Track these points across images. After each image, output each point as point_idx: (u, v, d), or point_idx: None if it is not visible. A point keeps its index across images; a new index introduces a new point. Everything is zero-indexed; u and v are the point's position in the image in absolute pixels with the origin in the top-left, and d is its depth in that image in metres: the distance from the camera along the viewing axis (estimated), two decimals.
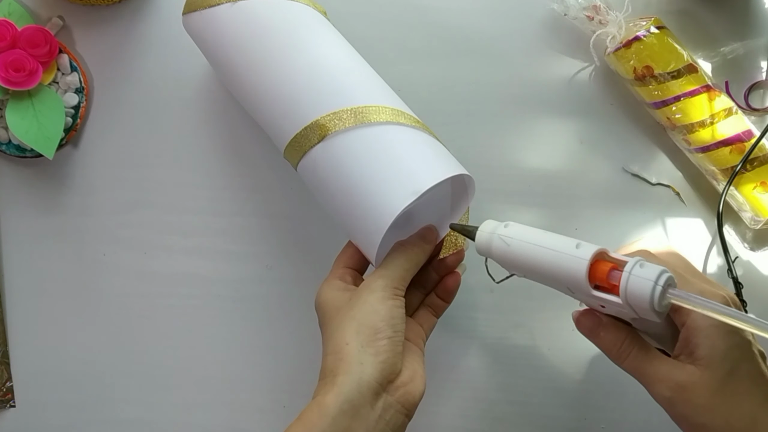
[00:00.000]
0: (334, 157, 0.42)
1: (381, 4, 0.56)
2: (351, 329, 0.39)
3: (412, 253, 0.43)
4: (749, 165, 0.52)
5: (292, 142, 0.44)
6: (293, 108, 0.44)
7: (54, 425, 0.54)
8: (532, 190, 0.55)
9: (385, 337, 0.39)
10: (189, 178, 0.55)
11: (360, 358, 0.38)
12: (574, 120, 0.56)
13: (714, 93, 0.52)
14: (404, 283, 0.42)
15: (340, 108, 0.42)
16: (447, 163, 0.43)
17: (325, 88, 0.43)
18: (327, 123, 0.42)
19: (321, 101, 0.43)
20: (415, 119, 0.45)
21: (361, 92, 0.44)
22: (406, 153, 0.42)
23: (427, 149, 0.43)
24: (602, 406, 0.54)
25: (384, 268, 0.42)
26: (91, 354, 0.54)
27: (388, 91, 0.46)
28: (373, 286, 0.41)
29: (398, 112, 0.43)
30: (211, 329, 0.54)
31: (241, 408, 0.54)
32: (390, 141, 0.42)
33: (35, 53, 0.51)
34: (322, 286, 0.44)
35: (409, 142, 0.43)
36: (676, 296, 0.34)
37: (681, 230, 0.55)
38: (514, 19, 0.56)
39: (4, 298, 0.55)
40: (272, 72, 0.44)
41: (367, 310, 0.40)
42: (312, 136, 0.42)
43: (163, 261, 0.55)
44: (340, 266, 0.45)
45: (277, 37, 0.45)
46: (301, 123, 0.43)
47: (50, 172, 0.55)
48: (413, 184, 0.40)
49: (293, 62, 0.44)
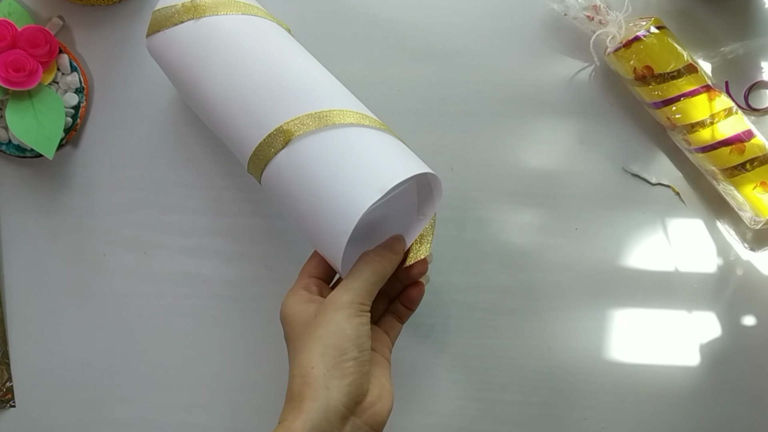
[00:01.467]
0: (298, 162, 0.41)
1: (381, 4, 0.56)
2: (316, 351, 0.38)
3: (379, 264, 0.42)
4: (749, 165, 0.52)
5: (256, 151, 0.43)
6: (257, 117, 0.43)
7: (54, 425, 0.54)
8: (532, 190, 0.55)
9: (351, 358, 0.38)
10: (189, 178, 0.55)
11: (326, 382, 0.38)
12: (574, 120, 0.56)
13: (714, 93, 0.52)
14: (370, 297, 0.41)
15: (304, 113, 0.42)
16: (412, 163, 0.42)
17: (288, 94, 0.43)
18: (291, 128, 0.41)
19: (284, 108, 0.42)
20: (379, 122, 0.44)
21: (324, 97, 0.43)
22: (370, 154, 0.41)
23: (391, 150, 0.42)
24: (602, 406, 0.54)
25: (350, 281, 0.41)
26: (91, 354, 0.54)
27: (351, 97, 0.46)
28: (338, 302, 0.40)
29: (361, 115, 0.43)
30: (211, 329, 0.54)
31: (241, 408, 0.54)
32: (354, 143, 0.42)
33: (35, 53, 0.51)
34: (286, 297, 0.43)
35: (374, 144, 0.42)
36: None
37: (681, 230, 0.55)
38: (514, 19, 0.56)
39: (4, 298, 0.55)
40: (235, 83, 0.44)
41: (332, 330, 0.39)
42: (276, 143, 0.42)
43: (163, 261, 0.55)
44: (305, 276, 0.44)
45: (239, 48, 0.45)
46: (265, 131, 0.42)
47: (50, 172, 0.55)
48: (378, 183, 0.39)
49: (255, 72, 0.44)
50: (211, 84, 0.45)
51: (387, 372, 0.43)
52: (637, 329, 0.54)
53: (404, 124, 0.55)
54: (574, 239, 0.55)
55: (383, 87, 0.56)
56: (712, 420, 0.54)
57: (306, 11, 0.56)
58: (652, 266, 0.55)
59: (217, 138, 0.56)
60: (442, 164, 0.55)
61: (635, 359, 0.54)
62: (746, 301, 0.54)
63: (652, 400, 0.54)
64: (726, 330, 0.54)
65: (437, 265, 0.53)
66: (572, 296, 0.54)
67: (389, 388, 0.41)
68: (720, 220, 0.55)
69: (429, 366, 0.54)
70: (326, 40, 0.56)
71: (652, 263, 0.55)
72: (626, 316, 0.54)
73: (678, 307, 0.55)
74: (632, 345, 0.54)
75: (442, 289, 0.54)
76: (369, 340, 0.40)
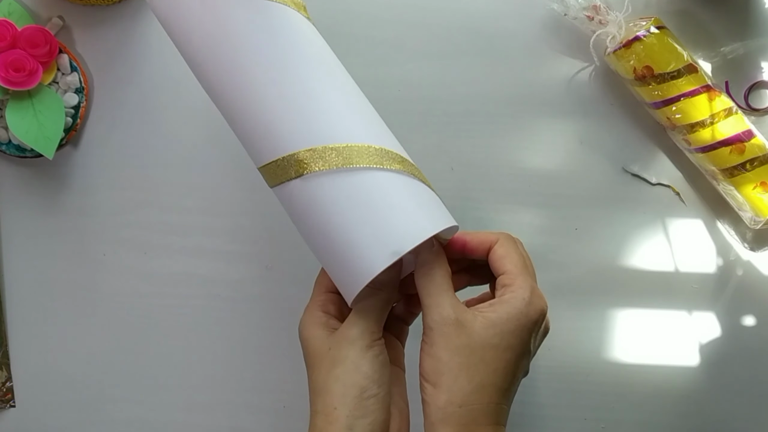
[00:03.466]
0: (313, 199, 0.39)
1: (381, 4, 0.56)
2: (337, 392, 0.38)
3: (388, 294, 0.42)
4: (749, 165, 0.52)
5: (267, 167, 0.40)
6: (270, 131, 0.39)
7: (54, 425, 0.54)
8: (532, 190, 0.55)
9: (371, 395, 0.38)
10: (189, 178, 0.55)
11: (349, 423, 0.38)
12: (574, 120, 0.56)
13: (714, 93, 0.52)
14: (380, 325, 0.41)
15: (322, 144, 0.38)
16: (432, 216, 0.40)
17: (309, 116, 0.39)
18: (307, 160, 0.38)
19: (301, 131, 0.39)
20: (402, 159, 0.41)
21: (345, 126, 0.40)
22: (389, 205, 0.39)
23: (411, 200, 0.40)
24: (602, 406, 0.54)
25: (360, 314, 0.40)
26: (91, 354, 0.54)
27: (375, 121, 0.42)
28: (350, 335, 0.39)
29: (384, 152, 0.40)
30: (210, 329, 0.54)
31: (241, 408, 0.54)
32: (373, 190, 0.39)
33: (35, 53, 0.51)
34: (304, 317, 0.42)
35: (394, 193, 0.40)
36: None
37: (681, 230, 0.55)
38: (514, 19, 0.56)
39: (4, 298, 0.55)
40: (251, 85, 0.39)
41: (349, 369, 0.39)
42: (289, 170, 0.39)
43: (163, 261, 0.55)
44: (322, 291, 0.44)
45: (284, 43, 0.40)
46: (277, 150, 0.39)
47: (50, 172, 0.55)
48: (394, 244, 0.38)
49: (274, 80, 0.39)
50: (224, 73, 0.40)
51: (403, 388, 0.43)
52: (637, 329, 0.54)
53: (404, 124, 0.55)
54: (574, 239, 0.55)
55: (383, 87, 0.55)
56: (712, 420, 0.54)
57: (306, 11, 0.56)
58: (652, 266, 0.55)
59: (217, 137, 0.56)
60: (442, 164, 0.55)
61: (635, 359, 0.54)
62: (746, 301, 0.54)
63: (652, 400, 0.54)
64: (726, 330, 0.54)
65: None
66: (572, 296, 0.54)
67: (407, 413, 0.42)
68: (720, 220, 0.55)
69: None
70: (327, 40, 0.56)
71: (652, 263, 0.55)
72: (626, 316, 0.54)
73: (678, 307, 0.55)
74: (632, 345, 0.54)
75: None
76: (387, 371, 0.40)
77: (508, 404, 0.40)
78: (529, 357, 0.40)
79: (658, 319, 0.54)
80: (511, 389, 0.39)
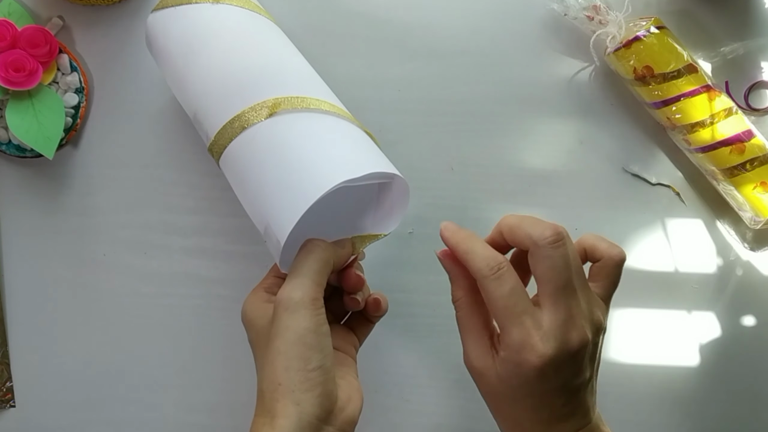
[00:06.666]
0: (252, 150, 0.41)
1: (381, 4, 0.56)
2: (280, 366, 0.37)
3: (323, 252, 0.40)
4: (749, 165, 0.52)
5: (216, 138, 0.43)
6: (221, 103, 0.43)
7: (54, 425, 0.54)
8: (532, 190, 0.55)
9: (315, 367, 0.37)
10: (189, 178, 0.55)
11: (295, 398, 0.37)
12: (574, 120, 0.56)
13: (714, 93, 0.52)
14: (320, 289, 0.39)
15: (260, 101, 0.41)
16: (369, 159, 0.40)
17: (255, 81, 0.42)
18: (246, 115, 0.41)
19: (246, 97, 0.42)
20: (347, 113, 0.43)
21: (290, 84, 0.43)
22: (320, 143, 0.40)
23: (346, 142, 0.41)
24: (602, 406, 0.54)
25: (294, 276, 0.39)
26: (91, 354, 0.54)
27: (323, 87, 0.45)
28: (288, 303, 0.38)
29: (326, 103, 0.41)
30: (211, 329, 0.54)
31: (241, 408, 0.54)
32: (306, 132, 0.40)
33: (35, 53, 0.51)
34: (246, 298, 0.42)
35: (334, 134, 0.41)
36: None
37: (681, 230, 0.55)
38: (514, 19, 0.56)
39: (4, 298, 0.55)
40: (209, 70, 0.44)
41: (290, 339, 0.37)
42: (232, 130, 0.41)
43: (163, 261, 0.55)
44: (271, 275, 0.43)
45: (232, 37, 0.45)
46: (226, 118, 0.42)
47: (50, 172, 0.55)
48: (321, 178, 0.38)
49: (228, 59, 0.44)
50: (198, 69, 0.45)
51: (353, 371, 0.42)
52: (637, 329, 0.54)
53: (404, 124, 0.55)
54: (574, 239, 0.55)
55: (383, 87, 0.56)
56: (712, 420, 0.54)
57: (306, 11, 0.56)
58: (652, 266, 0.55)
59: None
60: (442, 164, 0.55)
61: (635, 359, 0.54)
62: (746, 301, 0.54)
63: (652, 400, 0.54)
64: (726, 330, 0.54)
65: (438, 265, 0.53)
66: None
67: (357, 386, 0.41)
68: (720, 220, 0.55)
69: (429, 366, 0.54)
70: (326, 40, 0.56)
71: (652, 263, 0.55)
72: (626, 316, 0.54)
73: (678, 307, 0.55)
74: (632, 345, 0.54)
75: (443, 289, 0.54)
76: (329, 339, 0.39)
77: (570, 409, 0.39)
78: (577, 380, 0.39)
79: (658, 319, 0.54)
80: (554, 412, 0.38)
